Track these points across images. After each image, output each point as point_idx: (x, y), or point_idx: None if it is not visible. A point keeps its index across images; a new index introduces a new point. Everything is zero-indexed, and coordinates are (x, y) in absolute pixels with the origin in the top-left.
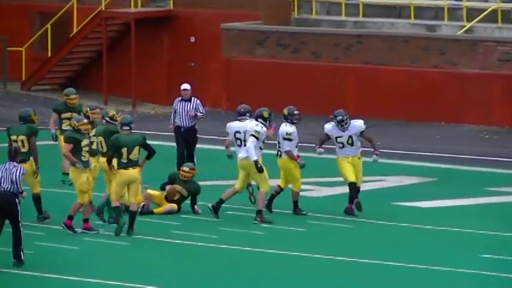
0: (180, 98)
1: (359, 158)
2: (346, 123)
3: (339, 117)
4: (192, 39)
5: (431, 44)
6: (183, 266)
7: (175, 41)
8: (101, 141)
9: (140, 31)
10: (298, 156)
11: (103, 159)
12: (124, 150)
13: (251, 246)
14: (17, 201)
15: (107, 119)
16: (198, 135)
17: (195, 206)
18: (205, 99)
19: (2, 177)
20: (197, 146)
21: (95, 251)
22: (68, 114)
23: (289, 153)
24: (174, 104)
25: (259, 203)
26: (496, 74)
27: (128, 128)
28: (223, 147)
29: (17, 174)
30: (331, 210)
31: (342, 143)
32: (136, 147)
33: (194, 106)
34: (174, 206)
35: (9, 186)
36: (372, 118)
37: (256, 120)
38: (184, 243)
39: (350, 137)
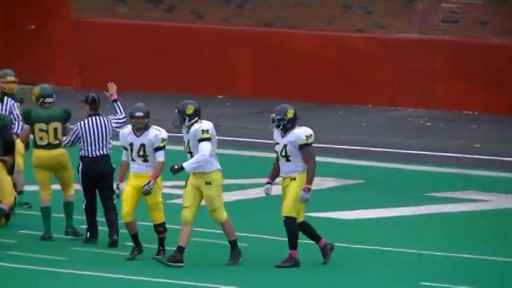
0: None
1: (294, 179)
2: (284, 126)
3: (272, 115)
4: None
5: (353, 1)
6: None
7: None
8: None
9: None
10: None
11: None
12: None
13: (110, 271)
14: (113, 167)
15: None
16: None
17: None
18: (51, 75)
19: (95, 137)
20: None
21: None
22: None
23: None
24: None
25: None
26: (440, 40)
27: None
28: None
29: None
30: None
31: (277, 153)
32: None
33: (7, 109)
34: None
35: (104, 148)
36: (272, 99)
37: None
38: (21, 267)
39: (285, 146)
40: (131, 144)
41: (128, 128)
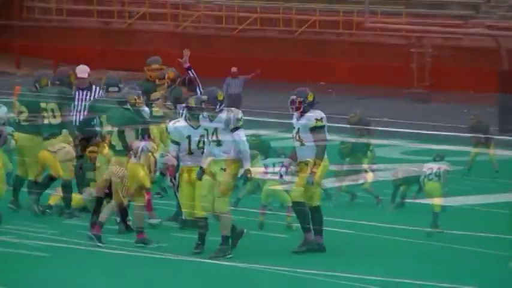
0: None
1: (306, 165)
2: (304, 108)
3: (292, 97)
4: None
5: None
6: (128, 281)
7: None
8: None
9: None
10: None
11: None
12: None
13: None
14: None
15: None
16: None
17: None
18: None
19: None
20: None
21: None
22: (158, 94)
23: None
24: None
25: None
26: None
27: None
28: None
29: None
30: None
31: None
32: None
33: (95, 96)
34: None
35: None
36: (369, 86)
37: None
38: (125, 253)
39: (298, 130)
40: (189, 137)
41: (180, 122)
